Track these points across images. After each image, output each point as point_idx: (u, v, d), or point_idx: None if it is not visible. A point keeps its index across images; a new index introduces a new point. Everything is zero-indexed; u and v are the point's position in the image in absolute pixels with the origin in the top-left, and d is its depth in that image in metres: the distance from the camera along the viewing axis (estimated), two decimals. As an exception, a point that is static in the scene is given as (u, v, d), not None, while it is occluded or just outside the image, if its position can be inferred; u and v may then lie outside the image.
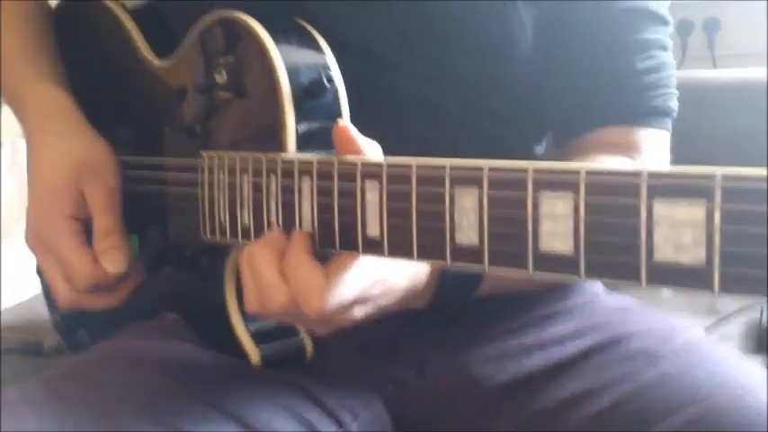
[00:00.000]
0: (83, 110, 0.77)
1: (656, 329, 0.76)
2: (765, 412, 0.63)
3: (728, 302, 1.26)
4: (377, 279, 0.56)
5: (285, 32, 0.62)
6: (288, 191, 0.58)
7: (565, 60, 0.75)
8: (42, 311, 1.11)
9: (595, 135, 0.76)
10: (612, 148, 0.76)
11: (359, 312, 0.57)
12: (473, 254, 0.46)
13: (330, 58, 0.63)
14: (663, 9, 0.76)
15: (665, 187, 0.38)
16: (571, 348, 0.75)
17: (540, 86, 0.76)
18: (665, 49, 0.76)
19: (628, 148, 0.76)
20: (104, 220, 0.70)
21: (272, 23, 0.61)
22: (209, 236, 0.66)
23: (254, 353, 0.66)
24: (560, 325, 0.78)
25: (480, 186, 0.45)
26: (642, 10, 0.75)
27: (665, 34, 0.76)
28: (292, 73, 0.60)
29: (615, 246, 0.40)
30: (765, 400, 0.63)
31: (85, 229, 0.71)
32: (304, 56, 0.62)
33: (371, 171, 0.52)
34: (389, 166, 0.51)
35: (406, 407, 0.76)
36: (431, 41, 0.70)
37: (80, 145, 0.73)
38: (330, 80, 0.60)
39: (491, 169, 0.45)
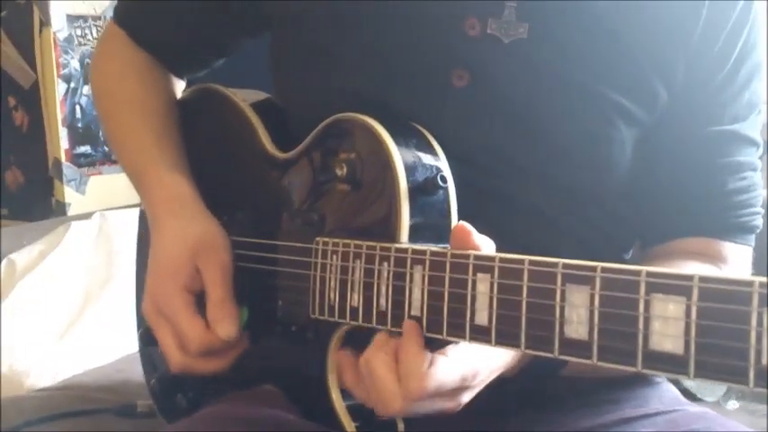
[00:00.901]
0: (201, 193, 0.84)
1: None
2: None
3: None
4: (477, 369, 0.60)
5: (404, 134, 0.68)
6: (399, 277, 0.63)
7: (660, 175, 0.79)
8: (131, 374, 1.17)
9: (681, 243, 0.80)
10: (697, 256, 0.79)
11: (460, 399, 0.60)
12: (582, 347, 0.50)
13: (443, 161, 0.69)
14: (754, 132, 0.81)
15: (775, 297, 0.41)
16: None
17: (633, 195, 0.80)
18: (754, 170, 0.81)
19: (712, 258, 0.80)
20: (217, 291, 0.76)
21: (392, 125, 0.68)
22: (317, 314, 0.71)
23: (350, 427, 0.70)
24: (642, 429, 0.80)
25: (593, 286, 0.49)
26: (736, 133, 0.79)
27: (755, 156, 0.81)
28: (409, 170, 0.66)
29: (725, 349, 0.43)
30: None
31: (199, 301, 0.77)
32: (420, 156, 0.68)
33: (483, 264, 0.56)
34: (501, 260, 0.55)
35: None
36: (533, 155, 0.75)
37: (197, 227, 0.80)
38: (444, 180, 0.66)
39: (604, 270, 0.49)
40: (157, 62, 0.94)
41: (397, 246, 0.64)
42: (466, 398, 0.62)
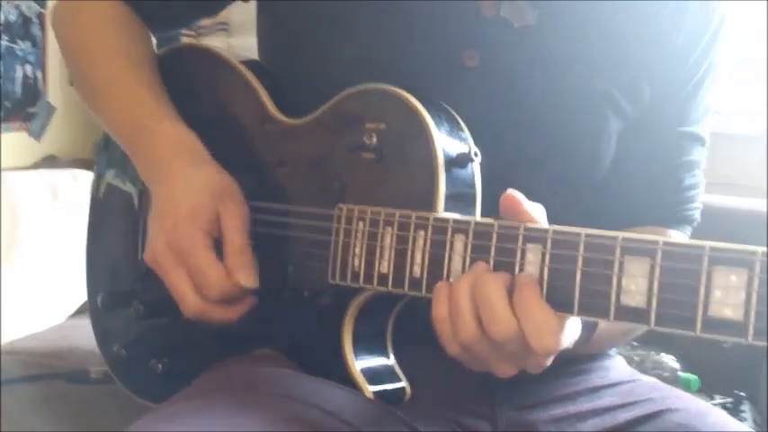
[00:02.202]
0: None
1: (691, 408, 0.86)
2: None
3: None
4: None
5: (434, 108, 0.70)
6: (437, 245, 0.65)
7: (628, 168, 0.85)
8: (76, 340, 1.12)
9: (637, 229, 0.86)
10: None
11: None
12: (638, 315, 0.54)
13: (470, 137, 0.71)
14: (705, 132, 0.89)
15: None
16: (620, 418, 0.84)
17: (603, 186, 0.86)
18: (701, 168, 0.89)
19: None
20: (239, 239, 0.75)
21: (422, 98, 0.70)
22: (337, 279, 0.72)
23: (365, 386, 0.72)
24: (609, 397, 0.87)
25: (653, 258, 0.53)
26: (694, 134, 0.87)
27: (703, 155, 0.89)
28: (445, 143, 0.68)
29: (784, 315, 0.48)
30: None
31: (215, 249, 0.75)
32: (451, 130, 0.70)
33: (534, 235, 0.59)
34: (554, 232, 0.59)
35: None
36: (529, 140, 0.79)
37: (215, 173, 0.78)
38: (477, 155, 0.69)
39: (665, 244, 0.53)
40: (134, 14, 0.90)
41: (437, 215, 0.66)
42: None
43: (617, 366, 0.93)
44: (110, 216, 0.98)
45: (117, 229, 0.96)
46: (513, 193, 0.61)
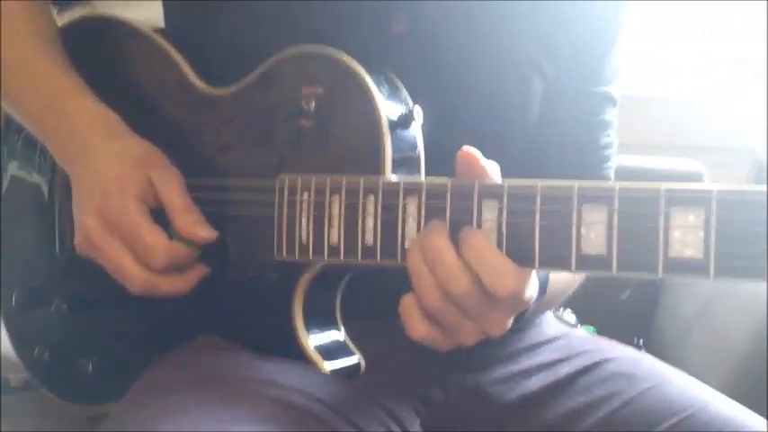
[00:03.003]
0: None
1: (626, 356, 0.89)
2: (729, 417, 0.77)
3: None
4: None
5: (375, 71, 0.68)
6: (389, 210, 0.63)
7: (549, 129, 0.86)
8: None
9: None
10: None
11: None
12: (600, 262, 0.54)
13: (410, 98, 0.69)
14: (617, 93, 0.91)
15: (790, 203, 0.48)
16: (562, 371, 0.86)
17: (528, 147, 0.86)
18: (614, 128, 0.91)
19: None
20: (181, 199, 0.71)
21: (361, 62, 0.67)
22: (284, 255, 0.69)
23: (321, 364, 0.70)
24: (547, 353, 0.89)
25: (610, 204, 0.54)
26: (607, 94, 0.89)
27: (615, 115, 0.91)
28: (387, 105, 0.66)
29: (743, 251, 0.50)
30: (724, 409, 0.77)
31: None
32: (391, 91, 0.68)
33: (489, 191, 0.59)
34: (510, 187, 0.58)
35: (436, 424, 0.82)
36: (461, 102, 0.78)
37: (139, 143, 0.74)
38: (416, 114, 0.67)
39: (621, 189, 0.54)
40: None
41: (386, 179, 0.64)
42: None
43: (549, 322, 0.96)
44: (18, 211, 0.92)
45: (27, 223, 0.90)
46: (469, 149, 0.60)
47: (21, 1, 0.82)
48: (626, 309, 1.61)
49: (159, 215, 0.72)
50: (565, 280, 0.87)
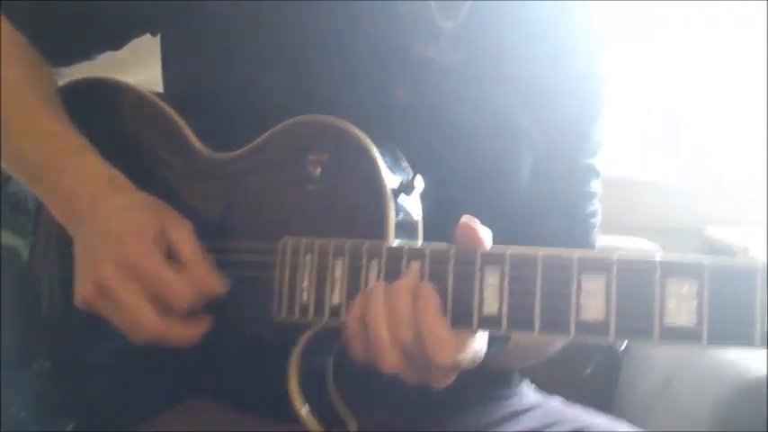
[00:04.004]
0: None
1: (600, 423, 0.92)
2: None
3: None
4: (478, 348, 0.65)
5: (379, 140, 0.71)
6: (392, 273, 0.65)
7: (539, 198, 0.90)
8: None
9: None
10: None
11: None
12: (598, 329, 0.57)
13: (408, 166, 0.72)
14: (600, 165, 0.96)
15: (777, 276, 0.52)
16: None
17: (518, 217, 0.90)
18: (598, 198, 0.96)
19: None
20: (196, 247, 0.71)
21: (366, 132, 0.70)
22: (284, 315, 0.70)
23: (315, 428, 0.70)
24: (528, 421, 0.93)
25: (609, 274, 0.57)
26: (591, 166, 0.94)
27: (599, 186, 0.97)
28: (390, 174, 0.69)
29: (733, 320, 0.53)
30: None
31: None
32: (393, 159, 0.71)
33: (492, 258, 0.62)
34: (512, 254, 0.61)
35: None
36: (460, 168, 0.82)
37: (147, 196, 0.75)
38: (417, 183, 0.70)
39: (619, 260, 0.57)
40: (35, 48, 0.85)
41: (390, 244, 0.67)
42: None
43: (526, 392, 0.98)
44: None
45: (10, 280, 0.88)
46: (469, 218, 0.63)
47: (21, 60, 0.84)
48: (588, 384, 1.64)
49: None
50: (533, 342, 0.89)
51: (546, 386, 1.33)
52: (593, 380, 1.63)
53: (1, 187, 0.89)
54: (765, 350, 0.53)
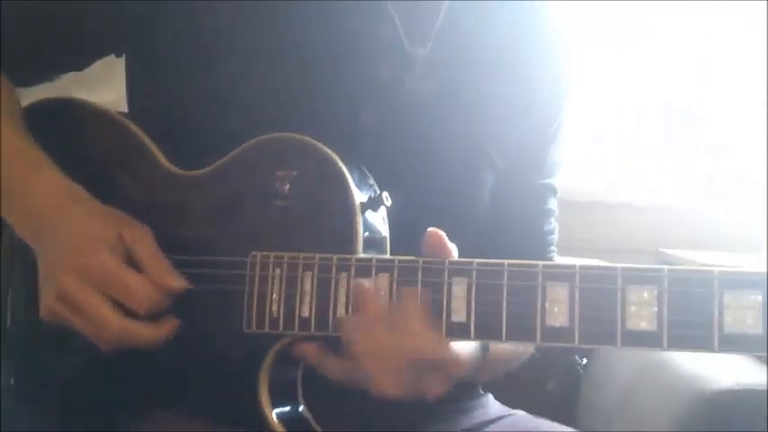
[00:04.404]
0: None
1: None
2: None
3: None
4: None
5: (346, 158, 0.72)
6: (362, 285, 0.66)
7: (499, 216, 0.92)
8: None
9: None
10: None
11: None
12: (563, 334, 0.59)
13: (375, 183, 0.74)
14: (557, 183, 0.99)
15: (732, 281, 0.55)
16: None
17: (479, 234, 0.91)
18: (556, 216, 0.99)
19: None
20: (152, 250, 0.73)
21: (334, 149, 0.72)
22: (254, 328, 0.71)
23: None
24: (496, 429, 0.92)
25: (572, 281, 0.59)
26: (549, 185, 0.97)
27: (556, 204, 0.99)
28: (358, 190, 0.71)
29: (692, 323, 0.55)
30: None
31: None
32: (361, 176, 0.73)
33: (459, 268, 0.63)
34: (478, 264, 0.63)
35: None
36: (422, 189, 0.83)
37: (106, 208, 0.76)
38: (387, 199, 0.71)
39: (582, 268, 0.59)
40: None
41: (358, 257, 0.68)
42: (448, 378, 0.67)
43: (491, 403, 1.00)
44: None
45: None
46: (436, 230, 0.65)
47: None
48: (550, 398, 1.66)
49: None
50: (506, 351, 0.91)
51: (508, 400, 1.35)
52: (554, 394, 1.66)
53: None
54: (723, 356, 0.55)
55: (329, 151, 0.71)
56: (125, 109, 0.91)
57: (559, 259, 0.99)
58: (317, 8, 0.80)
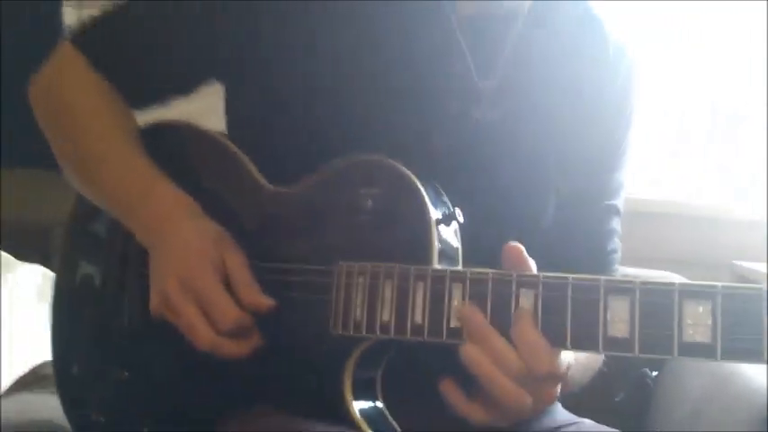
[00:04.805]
0: None
1: None
2: None
3: None
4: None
5: (422, 177, 0.79)
6: (436, 294, 0.73)
7: (564, 236, 0.96)
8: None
9: None
10: None
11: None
12: (624, 345, 0.64)
13: (448, 200, 0.80)
14: (621, 203, 1.03)
15: (781, 299, 0.59)
16: None
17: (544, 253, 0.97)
18: (619, 236, 1.02)
19: None
20: (245, 274, 0.82)
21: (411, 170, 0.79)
22: (340, 330, 0.78)
23: (366, 428, 0.78)
24: None
25: (632, 295, 0.64)
26: (613, 206, 1.01)
27: (620, 224, 1.03)
28: (433, 206, 0.77)
29: (743, 336, 0.60)
30: None
31: None
32: (436, 196, 0.80)
33: (526, 281, 0.69)
34: (545, 277, 0.68)
35: None
36: (491, 212, 0.88)
37: (212, 224, 0.86)
38: (460, 215, 0.78)
39: (642, 283, 0.64)
40: (117, 92, 0.95)
41: (434, 267, 0.75)
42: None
43: (559, 410, 1.04)
44: (77, 292, 1.00)
45: (87, 302, 0.99)
46: (515, 245, 0.71)
47: (101, 90, 0.93)
48: (620, 410, 1.68)
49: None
50: (583, 363, 0.95)
51: (577, 410, 1.39)
52: (624, 407, 1.68)
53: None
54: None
55: (407, 171, 0.78)
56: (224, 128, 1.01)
57: (632, 270, 1.02)
58: (399, 45, 0.87)
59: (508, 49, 0.90)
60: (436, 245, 0.76)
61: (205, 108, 0.99)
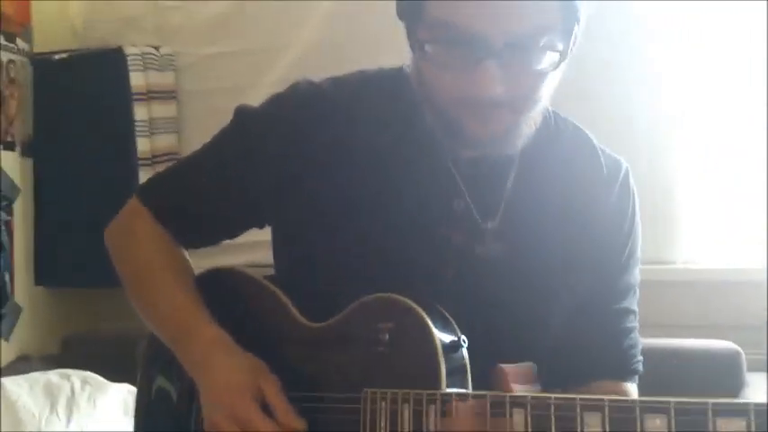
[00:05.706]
0: None
1: None
2: None
3: None
4: None
5: (430, 310, 0.87)
6: (445, 414, 0.80)
7: (577, 341, 0.99)
8: None
9: (593, 386, 0.98)
10: (612, 394, 0.95)
11: None
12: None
13: (457, 328, 0.86)
14: (634, 305, 1.04)
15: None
16: None
17: (556, 357, 0.99)
18: (635, 332, 1.04)
19: (622, 394, 1.00)
20: (282, 401, 0.91)
21: (420, 303, 0.87)
22: None
23: None
24: None
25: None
26: (627, 308, 1.02)
27: (635, 319, 1.04)
28: (440, 336, 0.85)
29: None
30: None
31: None
32: (444, 326, 0.87)
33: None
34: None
35: None
36: (493, 329, 0.92)
37: (248, 357, 0.96)
38: (464, 342, 0.85)
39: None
40: (172, 237, 1.07)
41: (442, 391, 0.82)
42: None
43: None
44: (157, 410, 1.10)
45: (163, 416, 1.09)
46: (502, 366, 0.79)
47: (159, 242, 1.05)
48: None
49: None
50: None
51: None
52: None
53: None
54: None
55: (417, 308, 0.87)
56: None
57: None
58: (408, 189, 0.96)
59: (507, 190, 0.96)
60: (444, 371, 0.83)
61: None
